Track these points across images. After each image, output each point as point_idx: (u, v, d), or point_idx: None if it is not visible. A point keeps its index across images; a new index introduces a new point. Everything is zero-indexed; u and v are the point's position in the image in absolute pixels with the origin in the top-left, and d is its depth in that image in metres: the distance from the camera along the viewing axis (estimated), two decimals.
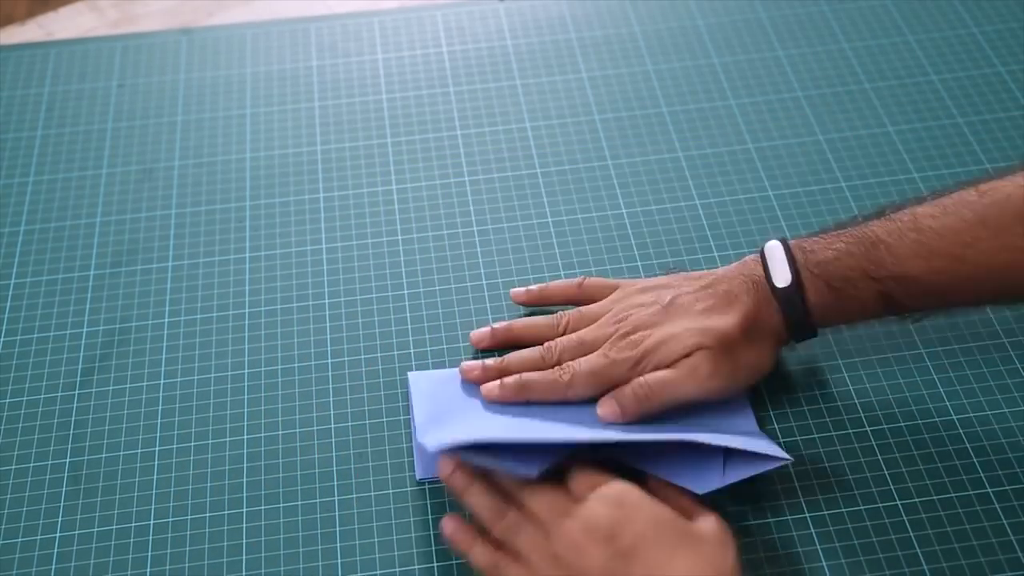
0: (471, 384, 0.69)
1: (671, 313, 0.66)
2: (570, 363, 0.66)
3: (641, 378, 0.65)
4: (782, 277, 0.65)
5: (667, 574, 0.54)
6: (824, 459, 0.67)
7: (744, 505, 0.65)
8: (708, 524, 0.58)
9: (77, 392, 0.73)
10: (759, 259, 0.67)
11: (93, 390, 0.73)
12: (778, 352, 0.68)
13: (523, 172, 0.85)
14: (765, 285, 0.66)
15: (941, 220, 0.64)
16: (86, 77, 0.95)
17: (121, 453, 0.69)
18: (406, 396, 0.71)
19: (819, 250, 0.66)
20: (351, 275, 0.79)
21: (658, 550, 0.55)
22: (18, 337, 0.76)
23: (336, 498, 0.66)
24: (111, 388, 0.73)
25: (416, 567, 0.63)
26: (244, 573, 0.63)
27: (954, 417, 0.69)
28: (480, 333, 0.72)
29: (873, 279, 0.64)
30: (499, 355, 0.70)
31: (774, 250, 0.67)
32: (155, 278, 0.79)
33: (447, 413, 0.67)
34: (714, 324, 0.64)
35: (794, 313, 0.65)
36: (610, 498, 0.57)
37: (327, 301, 0.77)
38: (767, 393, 0.70)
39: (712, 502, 0.64)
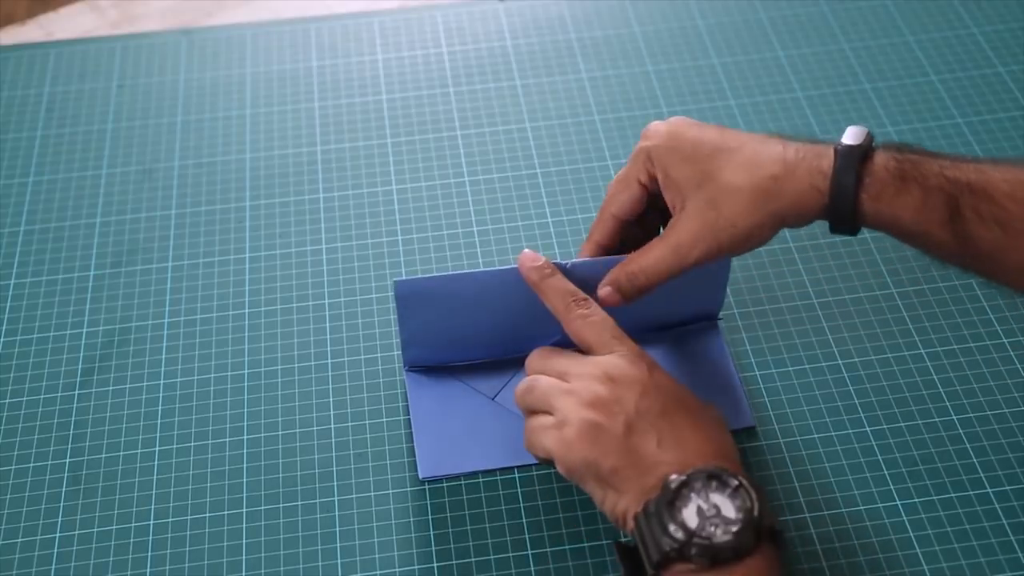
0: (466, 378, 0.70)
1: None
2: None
3: (630, 266, 0.64)
4: (854, 136, 0.60)
5: (688, 437, 0.56)
6: (824, 459, 0.67)
7: None
8: (713, 410, 0.59)
9: (77, 392, 0.73)
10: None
11: (93, 390, 0.73)
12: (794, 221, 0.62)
13: (523, 172, 0.85)
14: (825, 151, 0.60)
15: None
16: (86, 77, 0.95)
17: (121, 453, 0.69)
18: (405, 396, 0.71)
19: (904, 149, 0.60)
20: (351, 275, 0.79)
21: (682, 413, 0.57)
22: (18, 337, 0.76)
23: (336, 498, 0.66)
24: (111, 388, 0.73)
25: (416, 567, 0.63)
26: (244, 573, 0.63)
27: (954, 417, 0.69)
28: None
29: (947, 178, 0.58)
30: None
31: (856, 128, 0.61)
32: (155, 278, 0.79)
33: (447, 412, 0.69)
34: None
35: (847, 168, 0.58)
36: (630, 355, 0.59)
37: (327, 301, 0.77)
38: (767, 393, 0.70)
39: None
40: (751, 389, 0.70)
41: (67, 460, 0.69)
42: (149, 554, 0.64)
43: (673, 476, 0.53)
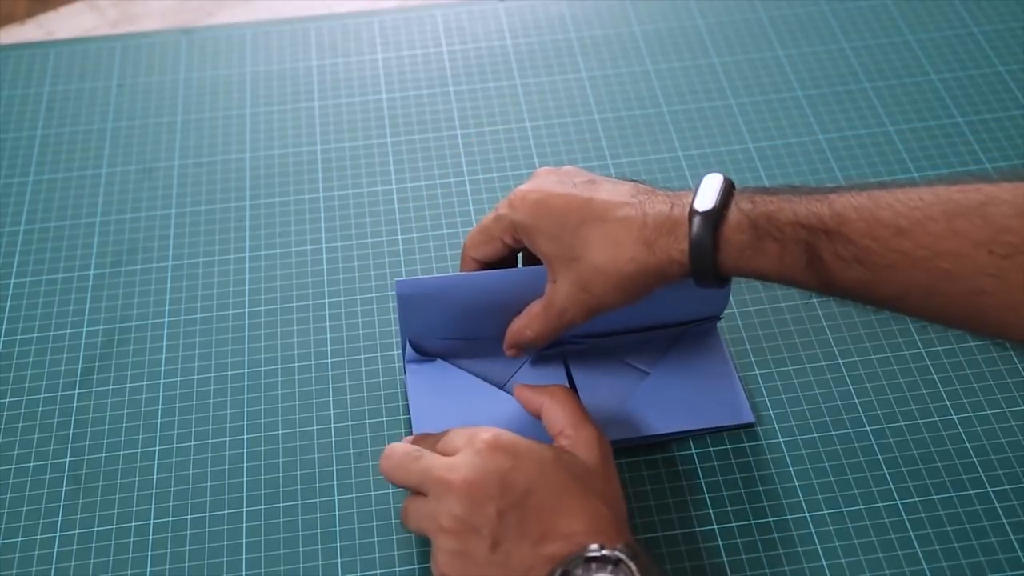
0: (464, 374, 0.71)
1: None
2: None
3: (516, 324, 0.67)
4: (706, 201, 0.60)
5: (559, 523, 0.55)
6: (824, 459, 0.67)
7: (744, 505, 0.65)
8: (588, 451, 0.59)
9: (77, 392, 0.73)
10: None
11: (93, 390, 0.73)
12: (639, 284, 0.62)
13: (523, 172, 0.85)
14: (680, 221, 0.60)
15: (900, 195, 0.57)
16: (86, 77, 0.95)
17: (121, 453, 0.69)
18: (405, 396, 0.71)
19: (760, 196, 0.60)
20: (351, 275, 0.79)
21: (547, 495, 0.55)
22: (18, 337, 0.76)
23: (336, 498, 0.66)
24: (111, 388, 0.73)
25: (416, 567, 0.63)
26: (244, 573, 0.63)
27: (954, 417, 0.69)
28: None
29: (803, 226, 0.58)
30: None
31: (712, 178, 0.61)
32: (155, 278, 0.79)
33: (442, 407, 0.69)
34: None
35: (702, 238, 0.59)
36: (485, 447, 0.57)
37: (327, 301, 0.77)
38: (767, 393, 0.70)
39: (709, 503, 0.65)
40: (751, 388, 0.70)
41: (67, 460, 0.69)
42: (149, 554, 0.64)
43: (555, 570, 0.53)
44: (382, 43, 0.98)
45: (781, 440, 0.68)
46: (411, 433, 0.69)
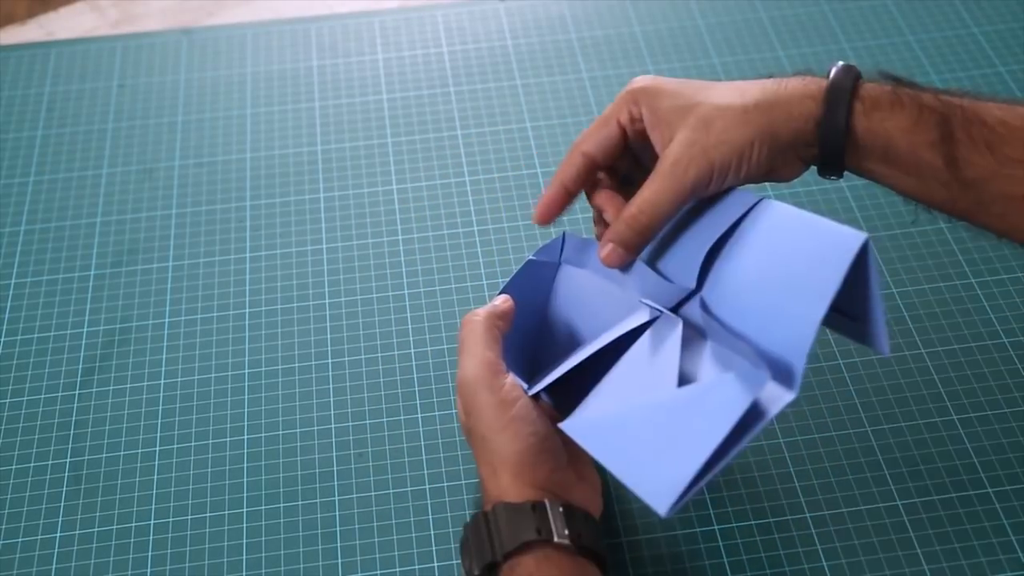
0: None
1: None
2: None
3: (626, 211, 0.60)
4: (841, 68, 0.59)
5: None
6: (824, 459, 0.67)
7: (744, 505, 0.65)
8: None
9: (77, 392, 0.73)
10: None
11: (93, 390, 0.73)
12: (774, 152, 0.59)
13: (523, 172, 0.85)
14: (815, 80, 0.59)
15: None
16: (86, 77, 0.95)
17: (121, 453, 0.69)
18: (408, 396, 0.71)
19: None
20: (351, 275, 0.79)
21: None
22: (18, 337, 0.76)
23: (336, 498, 0.66)
24: (111, 388, 0.73)
25: (416, 567, 0.63)
26: (244, 573, 0.63)
27: (954, 417, 0.69)
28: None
29: (940, 100, 0.57)
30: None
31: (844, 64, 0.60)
32: (155, 278, 0.79)
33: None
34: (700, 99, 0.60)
35: (842, 80, 0.58)
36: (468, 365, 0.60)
37: (327, 301, 0.77)
38: None
39: (710, 503, 0.65)
40: None
41: (67, 460, 0.69)
42: (149, 554, 0.64)
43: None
44: (383, 43, 0.98)
45: (781, 440, 0.68)
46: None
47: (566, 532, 0.54)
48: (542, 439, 0.57)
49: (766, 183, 0.85)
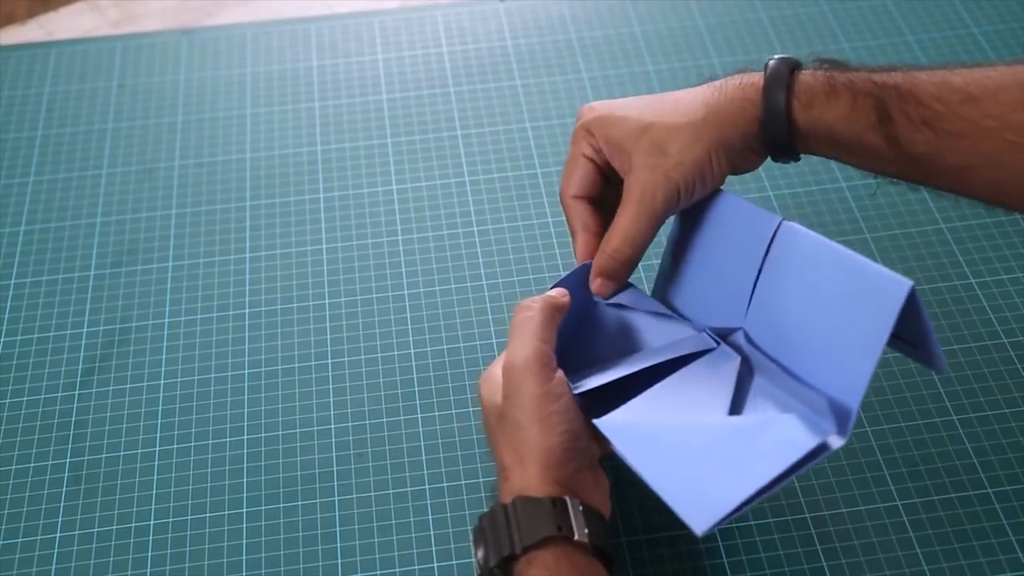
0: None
1: None
2: None
3: (608, 245, 0.62)
4: (780, 57, 0.61)
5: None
6: (825, 459, 0.67)
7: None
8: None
9: (77, 392, 0.73)
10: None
11: (93, 390, 0.73)
12: (733, 156, 0.61)
13: (523, 172, 0.85)
14: (752, 83, 0.62)
15: (976, 69, 0.58)
16: (86, 77, 0.95)
17: (121, 453, 0.69)
18: (408, 396, 0.71)
19: (830, 63, 0.62)
20: (351, 275, 0.79)
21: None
22: (18, 337, 0.76)
23: (336, 498, 0.66)
24: (111, 388, 0.73)
25: (416, 567, 0.63)
26: (244, 573, 0.63)
27: (954, 417, 0.69)
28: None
29: (874, 82, 0.59)
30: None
31: (779, 58, 0.62)
32: (155, 278, 0.79)
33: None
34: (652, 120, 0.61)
35: (779, 72, 0.60)
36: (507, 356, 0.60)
37: (327, 301, 0.77)
38: None
39: None
40: None
41: (67, 460, 0.69)
42: (149, 554, 0.64)
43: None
44: (383, 43, 0.98)
45: None
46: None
47: (586, 531, 0.54)
48: (575, 437, 0.57)
49: (766, 184, 0.86)
